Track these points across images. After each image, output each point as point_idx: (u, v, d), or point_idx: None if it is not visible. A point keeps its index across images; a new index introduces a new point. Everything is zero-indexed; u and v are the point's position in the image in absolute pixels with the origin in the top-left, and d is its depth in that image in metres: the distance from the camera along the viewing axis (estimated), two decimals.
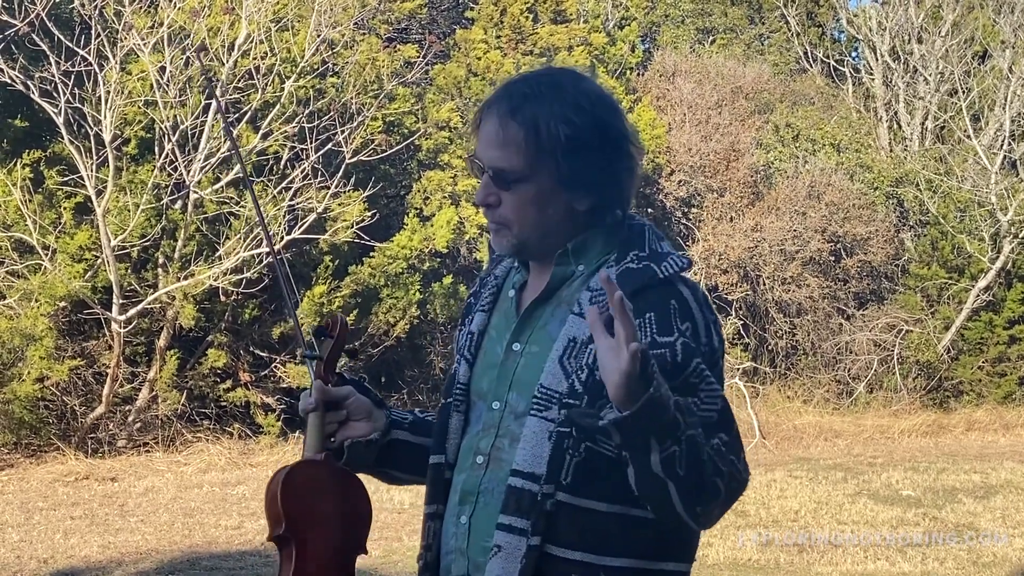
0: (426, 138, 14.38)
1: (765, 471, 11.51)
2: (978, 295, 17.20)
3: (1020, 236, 17.14)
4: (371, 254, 13.05)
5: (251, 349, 12.98)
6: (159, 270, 12.15)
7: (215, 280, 11.62)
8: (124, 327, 11.61)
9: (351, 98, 12.77)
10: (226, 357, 12.52)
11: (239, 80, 11.99)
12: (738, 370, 15.43)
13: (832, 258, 17.45)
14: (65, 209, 11.65)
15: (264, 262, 11.75)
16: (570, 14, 16.08)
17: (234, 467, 11.56)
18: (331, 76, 13.12)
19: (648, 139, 16.04)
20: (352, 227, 12.30)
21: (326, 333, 2.45)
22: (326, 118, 12.35)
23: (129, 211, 11.53)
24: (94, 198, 11.30)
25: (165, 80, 11.47)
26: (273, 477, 2.33)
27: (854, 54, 23.18)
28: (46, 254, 11.32)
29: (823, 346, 17.16)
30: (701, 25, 23.44)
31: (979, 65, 19.99)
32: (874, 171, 18.59)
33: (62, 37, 11.08)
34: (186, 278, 11.75)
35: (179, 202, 12.15)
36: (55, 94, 11.12)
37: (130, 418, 12.15)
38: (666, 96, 17.83)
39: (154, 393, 12.18)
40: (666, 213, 16.94)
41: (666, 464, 1.95)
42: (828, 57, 22.21)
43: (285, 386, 12.69)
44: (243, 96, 12.06)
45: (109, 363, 11.79)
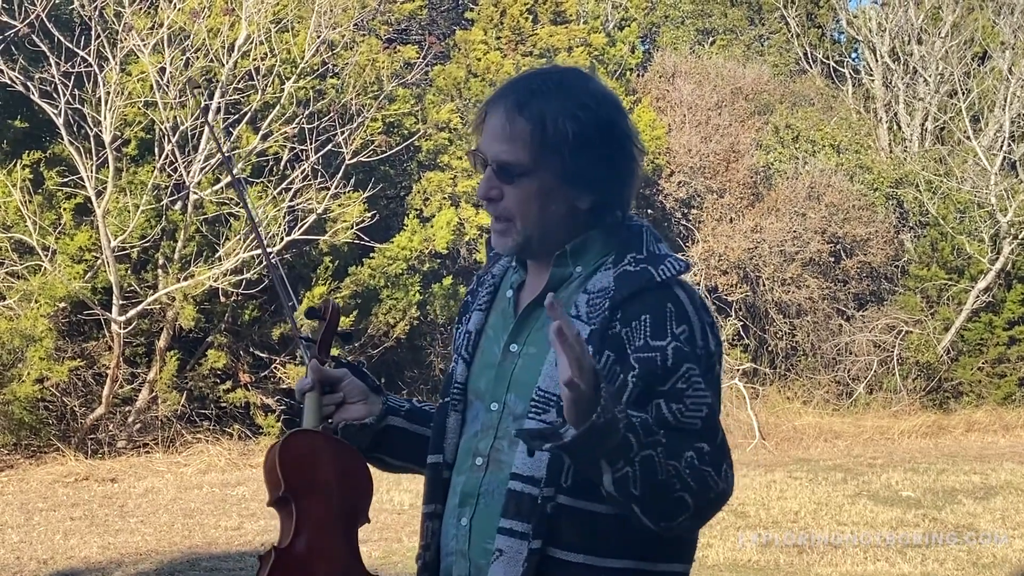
0: (426, 139, 14.38)
1: (765, 472, 11.51)
2: (978, 296, 17.20)
3: (1020, 237, 17.14)
4: (371, 255, 13.06)
5: (251, 350, 12.98)
6: (159, 271, 12.16)
7: (215, 281, 11.62)
8: (124, 328, 11.62)
9: (351, 99, 12.78)
10: (226, 358, 12.52)
11: (239, 81, 12.00)
12: (738, 371, 15.43)
13: (832, 259, 17.45)
14: (65, 210, 11.65)
15: (264, 262, 11.74)
16: (570, 15, 16.09)
17: (234, 468, 11.56)
18: (331, 77, 13.13)
19: (648, 140, 16.04)
20: (352, 228, 12.30)
21: (319, 315, 2.46)
22: (326, 119, 12.36)
23: (129, 212, 11.53)
24: (94, 199, 11.31)
25: (165, 81, 11.48)
26: (271, 447, 2.34)
27: (854, 55, 23.19)
28: (46, 255, 11.33)
29: (823, 347, 17.15)
30: (701, 26, 23.45)
31: (979, 66, 19.99)
32: (874, 172, 18.59)
33: (62, 38, 11.08)
34: (186, 279, 11.75)
35: (179, 203, 12.15)
36: (55, 95, 11.12)
37: (130, 419, 12.15)
38: (666, 97, 17.84)
39: (154, 394, 12.18)
40: (666, 214, 16.94)
41: (619, 485, 1.94)
42: (828, 58, 22.21)
43: (285, 387, 12.69)
44: (243, 97, 12.07)
45: (109, 364, 11.79)
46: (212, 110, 11.48)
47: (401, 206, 14.57)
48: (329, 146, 12.24)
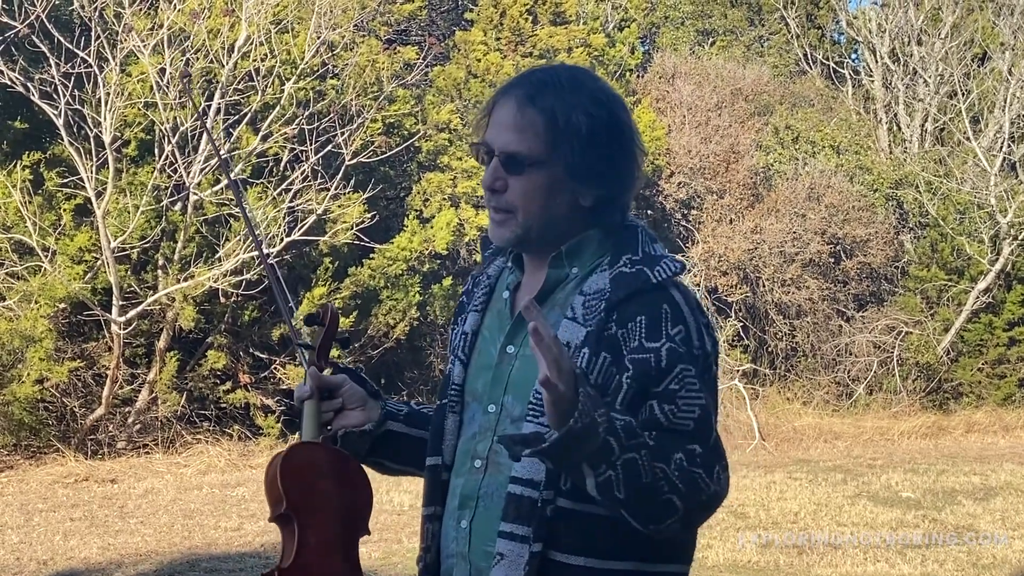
0: (426, 140, 14.38)
1: (765, 473, 11.51)
2: (978, 297, 17.20)
3: (1019, 238, 17.14)
4: (371, 256, 13.06)
5: (251, 351, 12.98)
6: (159, 272, 12.16)
7: (215, 282, 11.63)
8: (124, 329, 11.62)
9: (351, 100, 12.78)
10: (226, 359, 12.53)
11: (239, 82, 12.00)
12: (738, 372, 15.43)
13: (832, 260, 17.45)
14: (65, 211, 11.66)
15: (264, 263, 11.73)
16: (569, 16, 16.09)
17: (234, 469, 11.56)
18: (331, 78, 13.13)
19: (648, 141, 16.04)
20: (352, 229, 12.31)
21: (317, 321, 2.45)
22: (326, 120, 12.36)
23: (129, 213, 11.54)
24: (94, 200, 11.31)
25: (165, 82, 11.48)
26: (272, 460, 2.34)
27: (854, 56, 23.19)
28: (46, 256, 11.33)
29: (823, 348, 17.16)
30: (701, 27, 23.45)
31: (979, 67, 20.00)
32: (874, 173, 18.59)
33: (62, 39, 11.08)
34: (186, 280, 11.76)
35: (179, 204, 12.15)
36: (55, 96, 11.12)
37: (130, 420, 12.15)
38: (666, 98, 17.84)
39: (154, 395, 12.18)
40: (666, 215, 16.94)
41: (602, 489, 1.94)
42: (828, 59, 22.21)
43: (285, 388, 12.69)
44: (243, 98, 12.08)
45: (109, 365, 11.79)
46: (212, 111, 11.48)
47: (401, 207, 14.57)
48: (329, 147, 12.24)
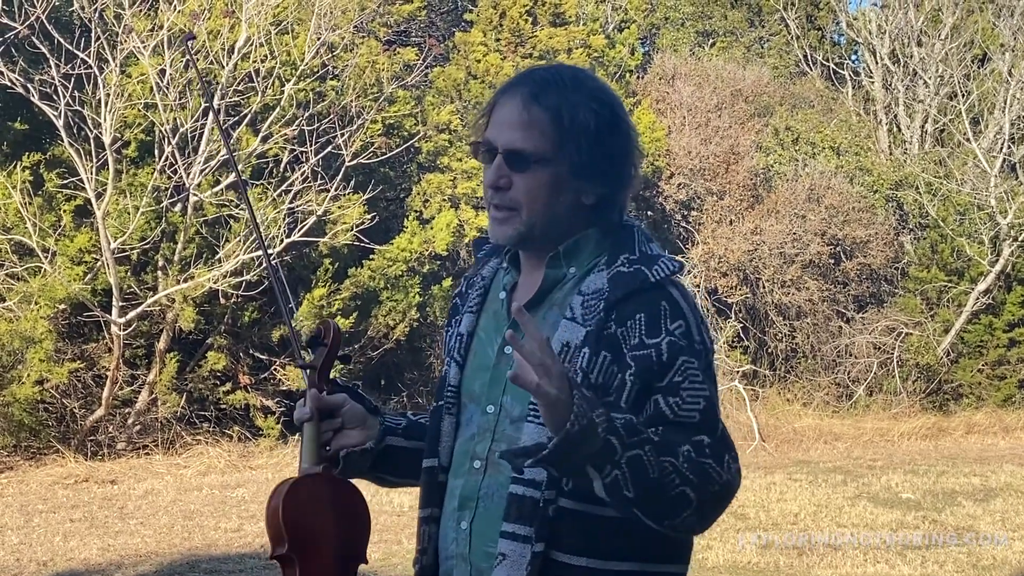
0: (426, 141, 14.39)
1: (765, 474, 11.51)
2: (978, 298, 17.20)
3: (1020, 239, 17.15)
4: (371, 257, 13.06)
5: (251, 352, 12.98)
6: (159, 273, 12.16)
7: (215, 283, 11.63)
8: (124, 330, 11.62)
9: (351, 101, 12.79)
10: (226, 360, 12.52)
11: (239, 83, 12.01)
12: (738, 373, 15.43)
13: (832, 261, 17.45)
14: (65, 212, 11.66)
15: (264, 265, 11.75)
16: (569, 17, 16.09)
17: (234, 470, 11.56)
18: (331, 79, 13.13)
19: (648, 142, 16.04)
20: (352, 230, 12.31)
21: (319, 341, 2.43)
22: (326, 121, 12.36)
23: (129, 214, 11.54)
24: (94, 201, 11.31)
25: (165, 83, 11.48)
26: (274, 493, 2.31)
27: (854, 57, 23.19)
28: (46, 257, 11.33)
29: (823, 349, 17.15)
30: (701, 28, 23.45)
31: (979, 68, 20.00)
32: (874, 174, 18.60)
33: (62, 40, 11.09)
34: (186, 281, 11.76)
35: (179, 205, 12.16)
36: (55, 97, 11.13)
37: (130, 421, 12.15)
38: (666, 99, 17.84)
39: (154, 396, 12.18)
40: (666, 216, 16.94)
41: (611, 490, 1.93)
42: (828, 60, 22.22)
43: (285, 388, 12.69)
44: (243, 99, 12.08)
45: (109, 366, 11.79)
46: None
47: (401, 208, 14.57)
48: (329, 148, 12.24)
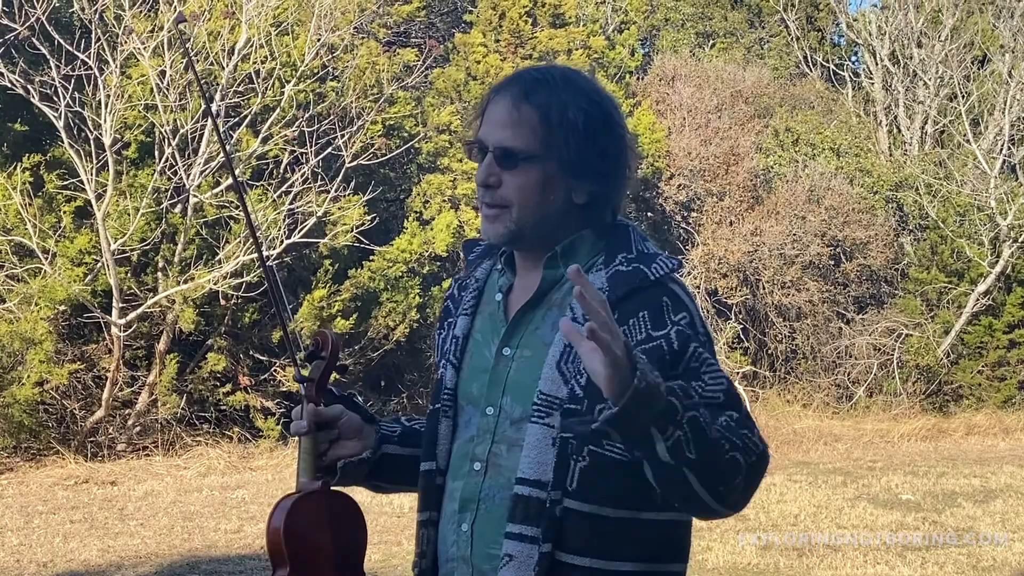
0: (426, 142, 14.39)
1: (765, 475, 11.50)
2: (978, 299, 17.20)
3: (1020, 240, 17.15)
4: (371, 258, 13.06)
5: (251, 353, 12.98)
6: (159, 274, 12.16)
7: (215, 284, 11.63)
8: (124, 331, 11.62)
9: (351, 102, 12.79)
10: (226, 361, 12.53)
11: (239, 84, 12.01)
12: (738, 374, 15.43)
13: (832, 262, 17.45)
14: (65, 213, 11.66)
15: (262, 267, 11.75)
16: (569, 18, 16.09)
17: (234, 471, 11.55)
18: (331, 80, 13.13)
19: (648, 143, 16.05)
20: (352, 231, 12.31)
21: (318, 355, 2.42)
22: (326, 122, 12.37)
23: (129, 215, 11.54)
24: (94, 202, 11.31)
25: (165, 84, 11.49)
26: (274, 512, 2.30)
27: (854, 58, 23.19)
28: (46, 258, 11.33)
29: (823, 350, 17.15)
30: (701, 29, 23.45)
31: (979, 69, 20.01)
32: (874, 175, 18.60)
33: (62, 41, 11.09)
34: (186, 282, 11.76)
35: (179, 206, 12.16)
36: (55, 98, 11.13)
37: (130, 422, 12.15)
38: (666, 100, 17.84)
39: (154, 397, 12.18)
40: (666, 217, 16.95)
41: (674, 451, 1.90)
42: (828, 61, 22.22)
43: (285, 390, 12.70)
44: (243, 100, 12.08)
45: (109, 367, 11.79)
46: (215, 112, 11.46)
47: (401, 209, 14.58)
48: (329, 149, 12.25)
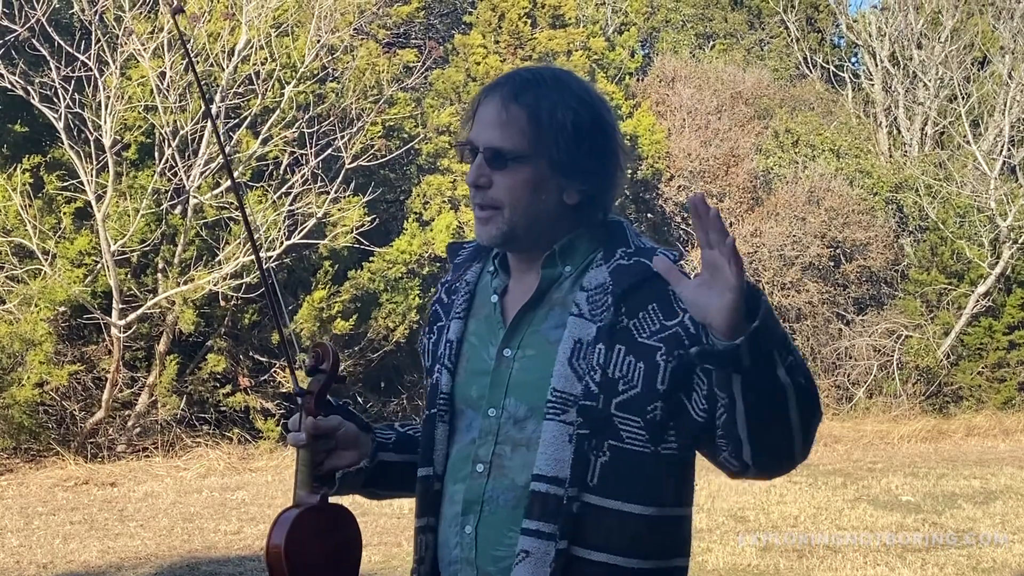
0: (426, 143, 14.40)
1: None
2: (977, 300, 17.20)
3: (1019, 241, 17.15)
4: (371, 259, 13.06)
5: (251, 354, 12.98)
6: (159, 275, 12.16)
7: (215, 285, 11.63)
8: (124, 332, 11.62)
9: (351, 103, 12.79)
10: (226, 362, 12.53)
11: (239, 85, 12.01)
12: None
13: (831, 263, 17.46)
14: (65, 214, 11.66)
15: (264, 266, 11.75)
16: (569, 19, 16.10)
17: (234, 472, 11.55)
18: (331, 81, 13.14)
19: (647, 144, 16.05)
20: (352, 232, 12.31)
21: (319, 368, 2.42)
22: (326, 123, 12.37)
23: (129, 216, 11.54)
24: (94, 203, 11.31)
25: (165, 85, 11.49)
26: (275, 529, 2.29)
27: (854, 60, 23.20)
28: (46, 259, 11.33)
29: (823, 351, 17.16)
30: (701, 30, 23.46)
31: (979, 71, 20.02)
32: (873, 176, 18.60)
33: (62, 42, 11.09)
34: (186, 283, 11.76)
35: (179, 207, 12.16)
36: (55, 99, 11.13)
37: (130, 423, 12.15)
38: (666, 101, 17.85)
39: (154, 398, 12.18)
40: (665, 218, 16.95)
41: (791, 373, 1.96)
42: (828, 63, 22.23)
43: (285, 391, 12.69)
44: (243, 101, 12.08)
45: (109, 368, 11.79)
46: (214, 112, 11.48)
47: (401, 210, 14.58)
48: (329, 150, 12.25)
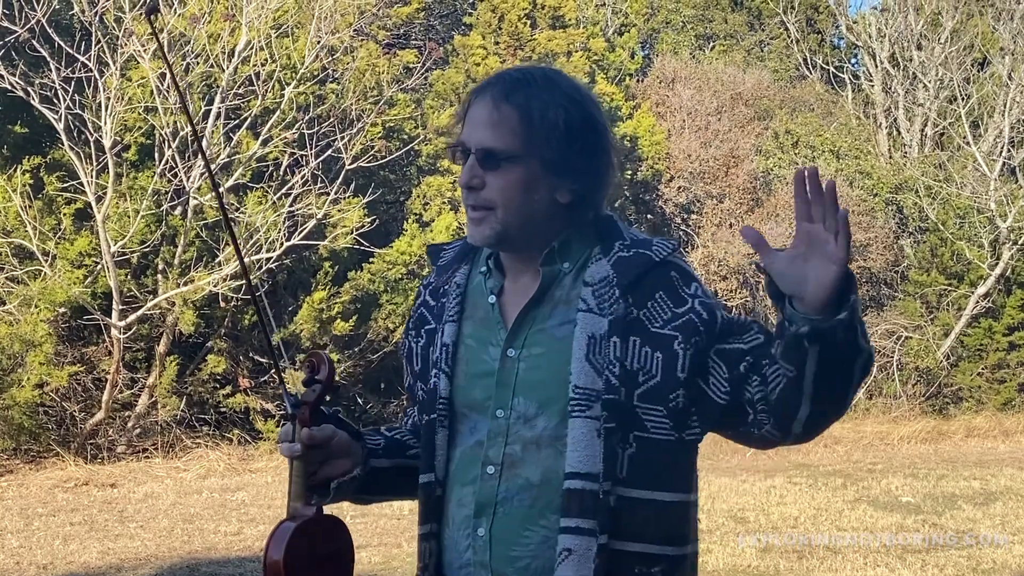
0: (426, 144, 14.40)
1: (764, 477, 11.51)
2: (977, 301, 17.21)
3: (1019, 242, 17.15)
4: (371, 260, 13.07)
5: (251, 355, 12.98)
6: (159, 276, 12.16)
7: (215, 286, 11.63)
8: (124, 333, 11.62)
9: (351, 104, 12.80)
10: (226, 363, 12.53)
11: (239, 86, 12.02)
12: None
13: None
14: (65, 215, 11.66)
15: (264, 268, 11.77)
16: (569, 20, 16.10)
17: (233, 473, 11.56)
18: (331, 82, 13.14)
19: (647, 145, 16.05)
20: (352, 233, 12.31)
21: (314, 378, 2.42)
22: (326, 124, 12.37)
23: (129, 217, 11.55)
24: (94, 204, 11.32)
25: (165, 86, 11.49)
26: (273, 543, 2.28)
27: (853, 61, 23.21)
28: (46, 260, 11.33)
29: None
30: (701, 31, 23.47)
31: (978, 72, 20.02)
32: (873, 178, 18.60)
33: (62, 43, 11.10)
34: (186, 284, 11.76)
35: (179, 208, 12.16)
36: (55, 100, 11.13)
37: (129, 424, 12.16)
38: (666, 102, 17.85)
39: (154, 399, 12.18)
40: (665, 219, 16.95)
41: (865, 337, 2.04)
42: (828, 64, 22.23)
43: (285, 391, 12.68)
44: (243, 102, 12.09)
45: (109, 369, 11.79)
46: (211, 116, 11.49)
47: (401, 211, 14.58)
48: (329, 151, 12.26)
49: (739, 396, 2.12)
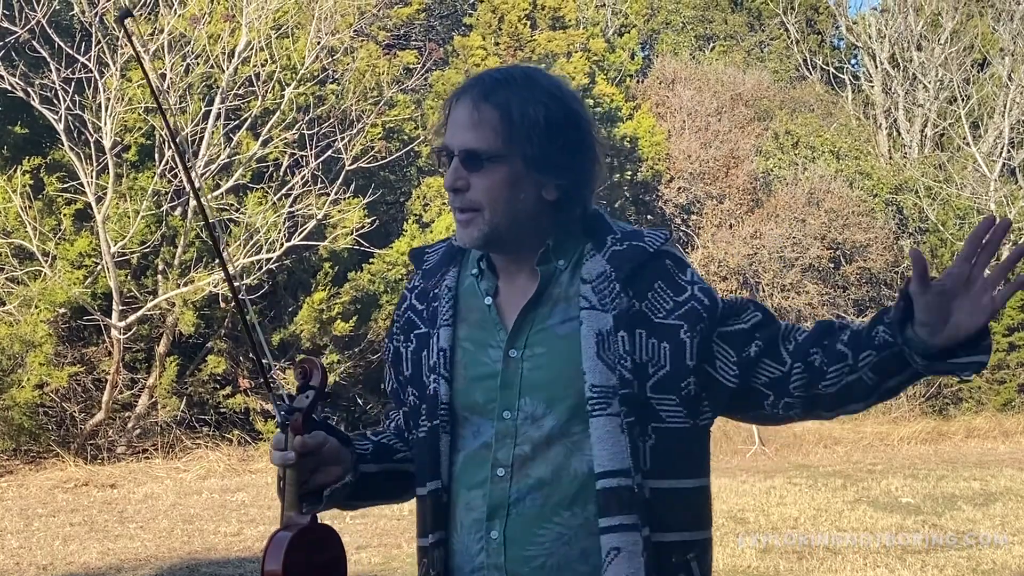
0: (426, 144, 14.39)
1: (764, 478, 11.51)
2: None
3: (1019, 243, 17.15)
4: (371, 260, 13.07)
5: (250, 356, 12.97)
6: (159, 276, 12.16)
7: (215, 286, 11.63)
8: (124, 333, 11.62)
9: (351, 105, 12.80)
10: (225, 363, 12.53)
11: (239, 87, 12.02)
12: None
13: (831, 265, 17.46)
14: (65, 216, 11.66)
15: (264, 268, 11.77)
16: (568, 21, 16.10)
17: (233, 473, 11.56)
18: (331, 83, 13.15)
19: (647, 146, 16.05)
20: (352, 234, 12.31)
21: (307, 386, 2.42)
22: (326, 125, 12.37)
23: (129, 218, 11.55)
24: (94, 205, 11.32)
25: (165, 87, 11.49)
26: (270, 554, 2.28)
27: (853, 62, 23.22)
28: (46, 260, 11.33)
29: None
30: (701, 32, 23.47)
31: (978, 73, 20.04)
32: (873, 178, 18.61)
33: (62, 44, 11.10)
34: (186, 284, 11.76)
35: (179, 209, 12.16)
36: (55, 101, 11.14)
37: (129, 424, 12.15)
38: (666, 103, 17.85)
39: (153, 399, 12.18)
40: (665, 220, 16.95)
41: None
42: (828, 64, 22.24)
43: (285, 393, 12.69)
44: (243, 103, 12.09)
45: (109, 369, 11.79)
46: (211, 117, 11.49)
47: (401, 211, 14.58)
48: (329, 152, 12.26)
49: (750, 379, 2.15)
